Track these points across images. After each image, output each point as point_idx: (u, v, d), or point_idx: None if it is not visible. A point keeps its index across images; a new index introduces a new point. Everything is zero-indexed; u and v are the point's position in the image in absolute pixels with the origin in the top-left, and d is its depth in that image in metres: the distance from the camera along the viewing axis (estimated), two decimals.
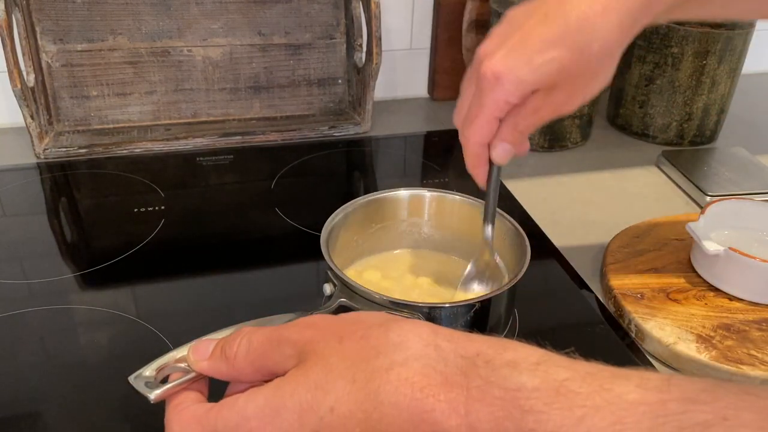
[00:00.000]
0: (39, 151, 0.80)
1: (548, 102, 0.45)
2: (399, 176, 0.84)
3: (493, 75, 0.43)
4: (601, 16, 0.42)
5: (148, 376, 0.36)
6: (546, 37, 0.42)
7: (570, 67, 0.43)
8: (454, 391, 0.28)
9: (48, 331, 0.55)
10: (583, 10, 0.42)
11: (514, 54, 0.43)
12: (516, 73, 0.43)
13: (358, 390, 0.29)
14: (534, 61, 0.43)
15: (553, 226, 0.70)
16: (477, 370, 0.29)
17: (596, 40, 0.42)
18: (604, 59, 0.44)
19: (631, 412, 0.25)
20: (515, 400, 0.27)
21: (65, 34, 0.82)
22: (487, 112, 0.45)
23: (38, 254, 0.65)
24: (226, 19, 0.86)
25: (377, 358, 0.30)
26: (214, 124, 0.89)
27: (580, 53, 0.42)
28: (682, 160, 0.82)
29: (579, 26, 0.42)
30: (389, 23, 0.95)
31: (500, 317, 0.51)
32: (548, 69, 0.43)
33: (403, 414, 0.28)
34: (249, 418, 0.31)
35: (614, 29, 0.42)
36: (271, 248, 0.68)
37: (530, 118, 0.46)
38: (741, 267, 0.56)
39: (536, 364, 0.28)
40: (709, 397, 0.25)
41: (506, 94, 0.44)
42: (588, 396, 0.26)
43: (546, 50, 0.42)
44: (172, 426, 0.34)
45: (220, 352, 0.35)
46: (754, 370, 0.50)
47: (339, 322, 0.33)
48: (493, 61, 0.43)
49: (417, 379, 0.29)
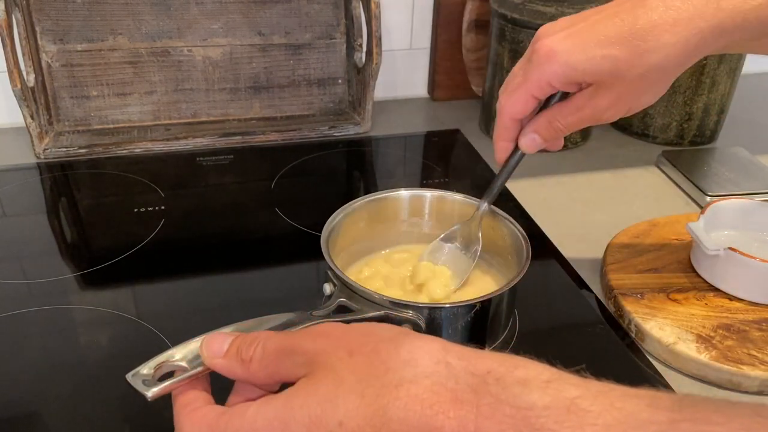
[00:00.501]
0: (39, 151, 0.80)
1: (591, 103, 0.45)
2: (399, 176, 0.84)
3: (546, 52, 0.43)
4: (670, 29, 0.41)
5: (145, 374, 0.36)
6: (609, 32, 0.42)
7: (623, 70, 0.42)
8: (464, 408, 0.28)
9: (48, 331, 0.55)
10: (653, 18, 0.41)
11: (574, 39, 0.43)
12: (569, 57, 0.42)
13: (367, 405, 0.29)
14: (590, 50, 0.42)
15: (553, 226, 0.70)
16: (487, 388, 0.28)
17: (658, 50, 0.42)
18: (659, 74, 0.43)
19: (642, 431, 0.25)
20: (526, 419, 0.27)
21: (65, 34, 0.82)
22: (529, 86, 0.45)
23: (38, 254, 0.65)
24: (226, 19, 0.86)
25: (387, 375, 0.30)
26: (214, 124, 0.89)
27: (638, 59, 0.42)
28: (682, 160, 0.82)
29: (645, 32, 0.41)
30: (389, 23, 0.95)
31: (500, 317, 0.51)
32: (601, 64, 0.42)
33: (412, 430, 0.28)
34: (258, 429, 0.31)
35: (678, 45, 0.42)
36: (271, 248, 0.68)
37: (569, 117, 0.46)
38: (741, 267, 0.56)
39: (547, 382, 0.28)
40: (722, 419, 0.25)
41: (552, 75, 0.43)
42: (599, 414, 0.26)
43: (605, 45, 0.42)
44: (183, 427, 0.34)
45: (236, 352, 0.35)
46: (754, 370, 0.50)
47: (351, 334, 0.33)
48: (550, 39, 0.43)
49: (426, 396, 0.28)
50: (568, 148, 0.88)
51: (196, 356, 0.37)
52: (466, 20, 0.93)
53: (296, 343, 0.33)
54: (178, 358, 0.37)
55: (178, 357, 0.37)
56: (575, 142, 0.88)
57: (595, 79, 0.43)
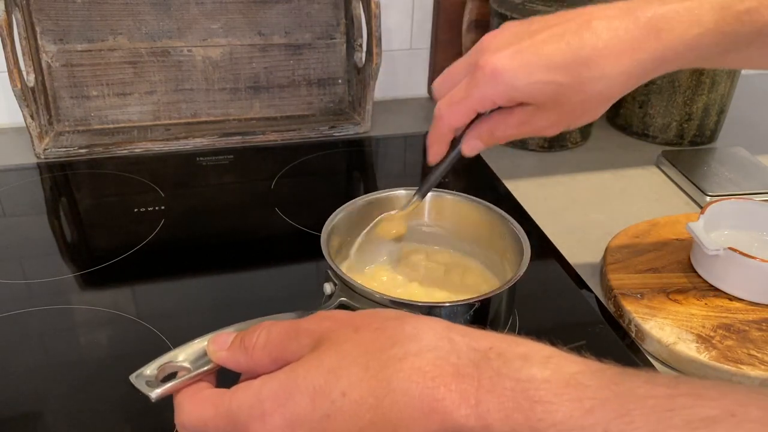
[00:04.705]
0: (39, 151, 0.80)
1: (533, 120, 0.45)
2: (399, 176, 0.84)
3: (491, 71, 0.43)
4: (614, 59, 0.42)
5: (149, 375, 0.36)
6: (555, 57, 0.42)
7: (565, 96, 0.43)
8: (465, 381, 0.29)
9: (48, 331, 0.55)
10: (599, 46, 0.41)
11: (519, 60, 0.42)
12: (513, 79, 0.42)
13: (371, 377, 0.30)
14: (534, 75, 0.42)
15: (553, 226, 0.70)
16: (489, 363, 0.29)
17: (601, 79, 0.42)
18: (600, 99, 0.44)
19: (639, 405, 0.26)
20: (525, 391, 0.28)
21: (65, 34, 0.82)
22: (471, 103, 0.45)
23: (38, 254, 0.65)
24: (226, 19, 0.86)
25: (392, 348, 0.30)
26: (214, 124, 0.89)
27: (580, 86, 0.42)
28: (682, 160, 0.82)
29: (589, 59, 0.42)
30: (389, 23, 0.95)
31: (500, 316, 0.51)
32: (544, 89, 0.43)
33: (414, 402, 0.29)
34: (263, 399, 0.31)
35: (622, 75, 0.42)
36: (271, 248, 0.68)
37: (511, 129, 0.46)
38: (741, 267, 0.56)
39: (548, 358, 0.29)
40: (717, 394, 0.25)
41: (496, 95, 0.44)
42: (598, 389, 0.27)
43: (550, 70, 0.42)
44: (183, 406, 0.34)
45: (239, 343, 0.35)
46: (754, 370, 0.50)
47: (356, 315, 0.34)
48: (496, 57, 0.43)
49: (429, 369, 0.29)
50: (568, 148, 0.88)
51: (199, 357, 0.37)
52: (466, 20, 0.93)
53: (301, 326, 0.34)
54: (181, 359, 0.37)
55: (181, 358, 0.37)
56: (575, 142, 0.88)
57: (537, 101, 0.44)
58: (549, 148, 0.87)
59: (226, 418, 0.32)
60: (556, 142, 0.87)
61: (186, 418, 0.34)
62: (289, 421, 0.31)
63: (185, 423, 0.34)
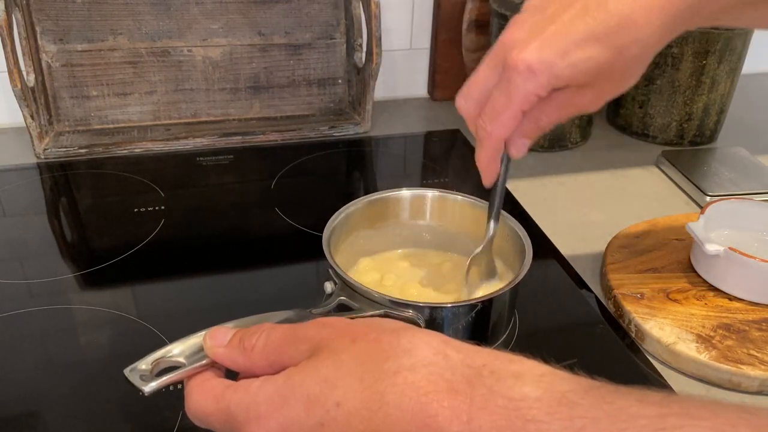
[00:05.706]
0: (39, 151, 0.80)
1: (576, 100, 0.44)
2: (399, 176, 0.84)
3: (526, 67, 0.41)
4: (645, 17, 0.40)
5: (143, 369, 0.36)
6: (586, 33, 0.40)
7: (606, 67, 0.41)
8: (458, 398, 0.29)
9: (48, 331, 0.55)
10: (625, 9, 0.40)
11: (550, 47, 0.40)
12: (552, 68, 0.41)
13: (365, 389, 0.30)
14: (571, 56, 0.40)
15: (553, 226, 0.70)
16: (482, 380, 0.29)
17: (637, 41, 0.41)
18: (639, 62, 0.43)
19: (630, 424, 0.26)
20: (518, 410, 0.27)
21: (65, 34, 0.82)
22: (516, 106, 0.43)
23: (38, 254, 0.65)
24: (226, 19, 0.86)
25: (386, 361, 0.30)
26: (214, 124, 0.89)
27: (618, 54, 0.41)
28: (682, 160, 0.82)
29: (621, 26, 0.40)
30: (389, 23, 0.95)
31: (501, 317, 0.51)
32: (585, 67, 0.41)
33: (407, 416, 0.29)
34: (259, 403, 0.32)
35: (656, 32, 0.41)
36: (271, 248, 0.68)
37: (554, 114, 0.45)
38: (741, 267, 0.56)
39: (540, 376, 0.29)
40: (708, 413, 0.25)
41: (538, 88, 0.41)
42: (589, 408, 0.27)
43: (585, 47, 0.40)
44: (192, 394, 0.35)
45: (238, 342, 0.35)
46: (754, 370, 0.50)
47: (354, 324, 0.34)
48: (526, 52, 0.41)
49: (423, 384, 0.29)
50: (568, 148, 0.88)
51: (195, 352, 0.37)
52: (466, 20, 0.93)
53: (300, 331, 0.34)
54: (176, 354, 0.37)
55: (176, 352, 0.37)
56: (575, 142, 0.88)
57: (579, 81, 0.42)
58: (549, 148, 0.87)
59: (226, 414, 0.33)
60: (556, 142, 0.87)
61: (193, 407, 0.35)
62: (284, 426, 0.31)
63: (192, 412, 0.35)
